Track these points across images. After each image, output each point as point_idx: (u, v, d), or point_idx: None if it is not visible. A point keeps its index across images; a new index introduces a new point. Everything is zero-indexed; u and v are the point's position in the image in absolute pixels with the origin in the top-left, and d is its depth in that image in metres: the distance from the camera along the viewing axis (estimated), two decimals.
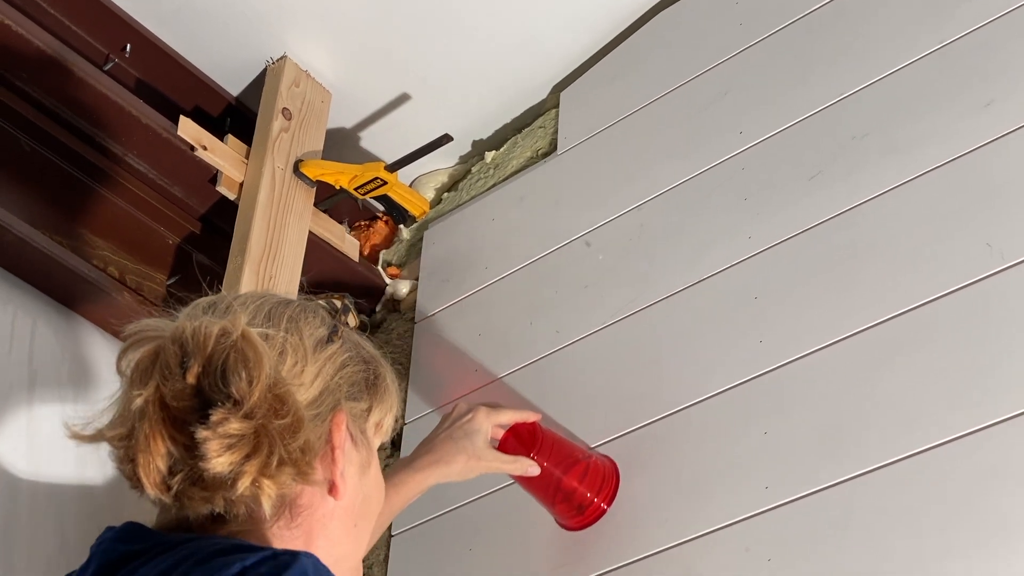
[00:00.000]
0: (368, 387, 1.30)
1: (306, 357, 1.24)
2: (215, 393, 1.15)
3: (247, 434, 1.14)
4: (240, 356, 1.16)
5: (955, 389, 1.64)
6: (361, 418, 1.29)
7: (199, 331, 1.16)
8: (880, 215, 1.84)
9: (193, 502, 1.17)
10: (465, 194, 2.51)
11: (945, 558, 1.55)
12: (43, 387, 2.09)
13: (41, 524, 1.99)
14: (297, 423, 1.18)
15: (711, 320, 1.95)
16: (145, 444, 1.16)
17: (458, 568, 2.03)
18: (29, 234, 2.08)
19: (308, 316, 1.28)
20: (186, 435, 1.15)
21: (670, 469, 1.86)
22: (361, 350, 1.32)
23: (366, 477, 1.30)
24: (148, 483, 1.17)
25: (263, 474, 1.15)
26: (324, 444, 1.23)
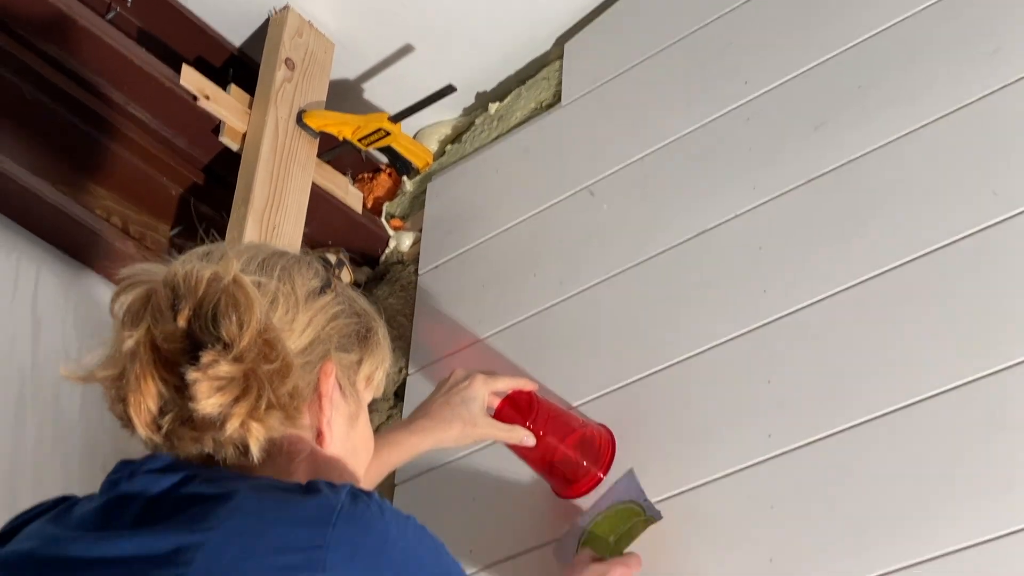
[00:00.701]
0: (359, 340, 1.32)
1: (297, 306, 1.25)
2: (205, 336, 1.17)
3: (236, 377, 1.16)
4: (231, 300, 1.18)
5: (959, 337, 1.64)
6: (351, 370, 1.31)
7: (191, 275, 1.19)
8: (886, 164, 1.84)
9: (183, 442, 1.19)
10: (469, 146, 2.50)
11: (947, 505, 1.55)
12: (47, 334, 2.09)
13: (47, 466, 2.00)
14: (286, 368, 1.20)
15: (715, 270, 1.95)
16: (136, 385, 1.18)
17: (461, 518, 2.03)
18: (32, 183, 2.08)
19: (302, 268, 1.29)
20: (176, 376, 1.17)
21: (674, 418, 1.87)
22: (354, 304, 1.33)
23: (354, 429, 1.32)
24: (139, 423, 1.19)
25: (252, 417, 1.17)
26: (312, 392, 1.25)
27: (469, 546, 1.99)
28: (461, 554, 1.98)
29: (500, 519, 1.98)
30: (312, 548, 1.10)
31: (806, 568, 1.62)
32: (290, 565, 1.09)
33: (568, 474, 1.89)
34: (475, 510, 2.03)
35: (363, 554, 1.11)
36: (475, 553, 1.97)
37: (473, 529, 2.01)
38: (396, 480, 2.16)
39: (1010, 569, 1.47)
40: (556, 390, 2.01)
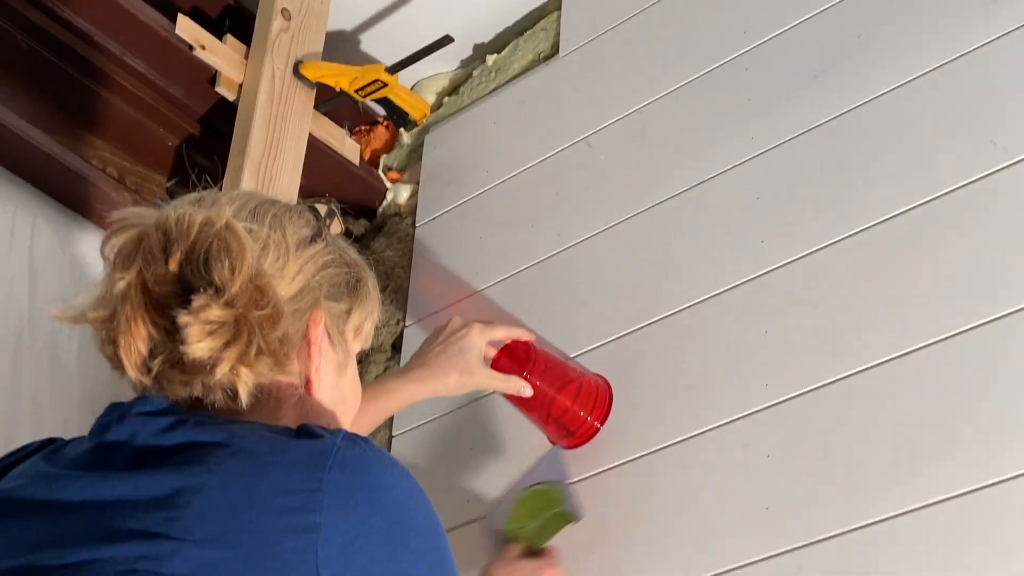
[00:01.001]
0: (349, 290, 1.32)
1: (288, 253, 1.25)
2: (197, 280, 1.17)
3: (227, 321, 1.16)
4: (223, 245, 1.18)
5: (957, 286, 1.64)
6: (340, 319, 1.31)
7: (183, 219, 1.19)
8: (884, 114, 1.83)
9: (172, 385, 1.19)
10: (466, 98, 2.49)
11: (943, 453, 1.56)
12: (44, 285, 2.09)
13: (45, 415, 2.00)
14: (276, 315, 1.20)
15: (713, 221, 1.95)
16: (126, 327, 1.18)
17: (458, 468, 2.04)
18: (28, 132, 2.07)
19: (292, 216, 1.29)
20: (167, 319, 1.17)
21: (671, 369, 1.87)
22: (344, 254, 1.34)
23: (342, 378, 1.31)
24: (129, 365, 1.19)
25: (241, 362, 1.17)
26: (301, 340, 1.25)
27: (467, 496, 1.99)
28: (459, 505, 1.99)
29: (497, 470, 1.99)
30: (309, 491, 1.10)
31: (802, 516, 1.63)
32: (287, 507, 1.09)
33: (565, 424, 1.89)
34: (472, 461, 2.03)
35: (359, 497, 1.11)
36: (472, 504, 1.98)
37: (470, 480, 2.01)
38: (394, 432, 2.16)
39: (1004, 516, 1.48)
40: (554, 341, 2.01)
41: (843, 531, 1.59)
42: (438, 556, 1.18)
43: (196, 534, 1.08)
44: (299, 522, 1.09)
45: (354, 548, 1.10)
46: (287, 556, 1.08)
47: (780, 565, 1.62)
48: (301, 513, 1.09)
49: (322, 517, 1.09)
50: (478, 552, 1.92)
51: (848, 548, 1.57)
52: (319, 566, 1.08)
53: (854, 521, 1.58)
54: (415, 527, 1.15)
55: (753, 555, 1.64)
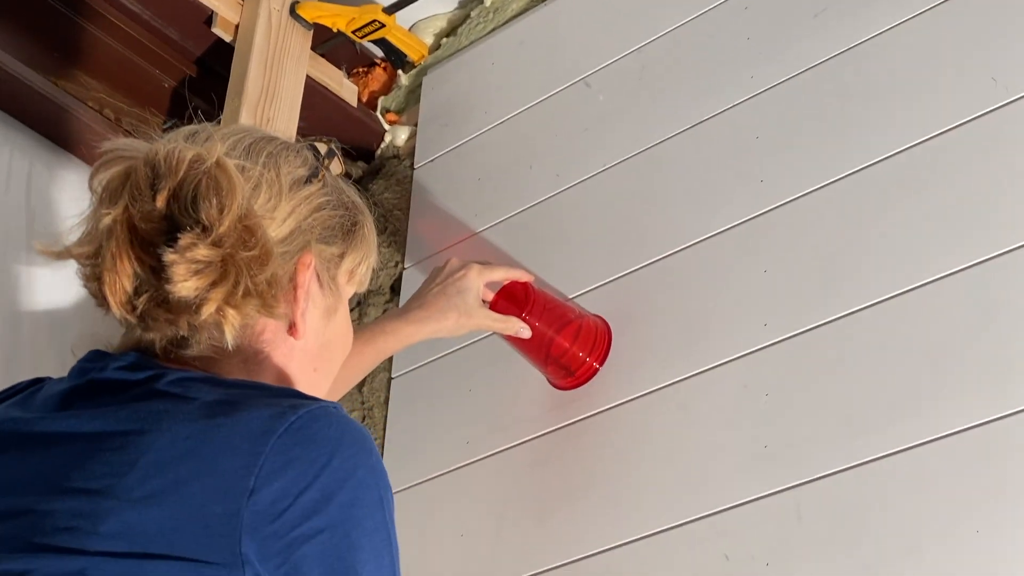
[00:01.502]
0: (344, 233, 1.30)
1: (280, 194, 1.23)
2: (184, 218, 1.15)
3: (214, 261, 1.14)
4: (212, 183, 1.16)
5: (957, 224, 1.64)
6: (333, 263, 1.29)
7: (172, 155, 1.16)
8: (884, 51, 1.82)
9: (158, 323, 1.17)
10: (464, 39, 2.47)
11: (942, 391, 1.56)
12: (41, 227, 2.09)
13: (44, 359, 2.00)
14: (265, 256, 1.18)
15: (712, 161, 1.94)
16: (111, 263, 1.16)
17: (457, 409, 2.04)
18: (24, 74, 2.06)
19: (289, 155, 1.27)
20: (153, 257, 1.15)
21: (670, 309, 1.87)
22: (341, 195, 1.31)
23: (331, 323, 1.29)
24: (113, 302, 1.17)
25: (228, 303, 1.16)
26: (289, 282, 1.23)
27: (466, 438, 2.00)
28: (458, 446, 2.00)
29: (496, 411, 1.99)
30: (251, 454, 1.08)
31: (800, 455, 1.63)
32: (226, 469, 1.07)
33: (565, 365, 1.89)
34: (471, 402, 2.03)
35: (296, 468, 1.08)
36: (472, 444, 1.98)
37: (469, 421, 2.01)
38: (393, 373, 2.16)
39: (1004, 453, 1.48)
40: (553, 282, 2.01)
41: (841, 469, 1.59)
42: (373, 543, 1.12)
43: (133, 493, 1.07)
44: (234, 486, 1.06)
45: (282, 521, 1.07)
46: (212, 521, 1.06)
47: (779, 503, 1.62)
48: (238, 476, 1.07)
49: (257, 482, 1.07)
50: (479, 492, 1.93)
51: (846, 486, 1.58)
52: (242, 530, 1.06)
53: (852, 459, 1.59)
54: (356, 516, 1.11)
55: (752, 494, 1.65)
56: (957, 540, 1.47)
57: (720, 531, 1.65)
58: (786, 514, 1.61)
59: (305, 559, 1.08)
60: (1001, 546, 1.44)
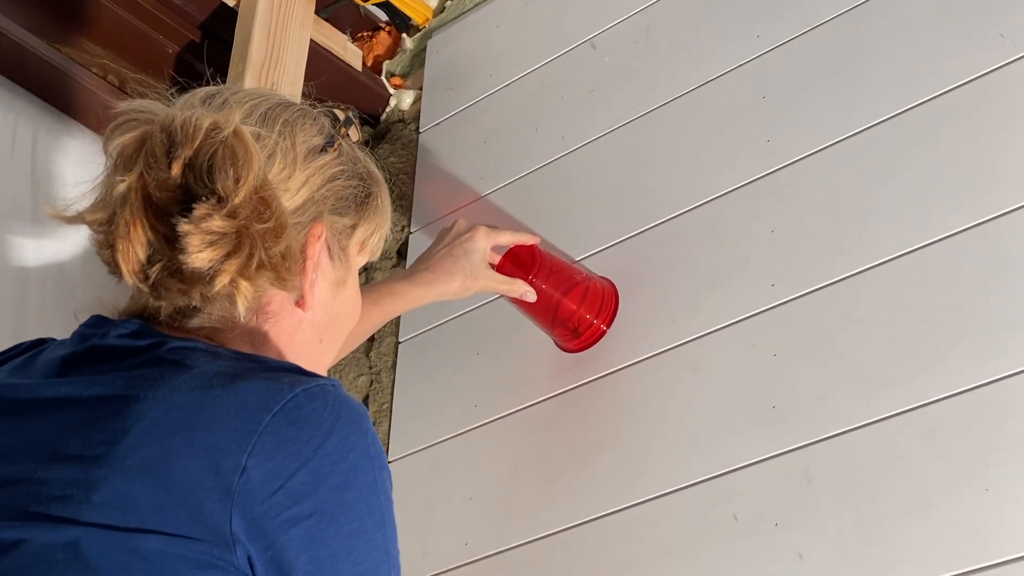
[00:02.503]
0: (357, 204, 1.28)
1: (295, 163, 1.22)
2: (200, 187, 1.13)
3: (229, 233, 1.13)
4: (229, 153, 1.14)
5: (964, 182, 1.63)
6: (344, 234, 1.28)
7: (189, 122, 1.14)
8: (891, 9, 1.81)
9: (170, 293, 1.16)
10: (469, 1, 2.46)
11: (950, 349, 1.55)
12: (46, 194, 2.08)
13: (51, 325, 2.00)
14: (280, 228, 1.16)
15: (718, 121, 1.93)
16: (125, 231, 1.15)
17: (465, 373, 2.04)
18: (27, 40, 2.05)
19: (306, 123, 1.25)
20: (167, 226, 1.14)
21: (678, 269, 1.86)
22: (357, 165, 1.30)
23: (339, 295, 1.28)
24: (126, 270, 1.16)
25: (241, 275, 1.14)
26: (299, 253, 1.22)
27: (473, 401, 2.00)
28: (465, 409, 2.00)
29: (503, 374, 1.99)
30: (245, 431, 1.06)
31: (809, 414, 1.63)
32: (219, 444, 1.06)
33: (571, 327, 1.89)
34: (478, 365, 2.03)
35: (289, 448, 1.07)
36: (479, 407, 1.98)
37: (477, 384, 2.02)
38: (400, 337, 2.16)
39: (1013, 411, 1.48)
40: (560, 244, 2.00)
41: (850, 428, 1.59)
42: (364, 527, 1.11)
43: (126, 461, 1.06)
44: (226, 462, 1.05)
45: (272, 502, 1.06)
46: (203, 496, 1.05)
47: (788, 463, 1.62)
48: (230, 454, 1.06)
49: (250, 460, 1.05)
50: (486, 455, 1.93)
51: (855, 445, 1.58)
52: (232, 509, 1.05)
53: (861, 419, 1.58)
54: (347, 499, 1.10)
55: (761, 454, 1.65)
56: (966, 498, 1.47)
57: (729, 492, 1.65)
58: (795, 474, 1.61)
59: (292, 542, 1.07)
60: (1010, 504, 1.44)
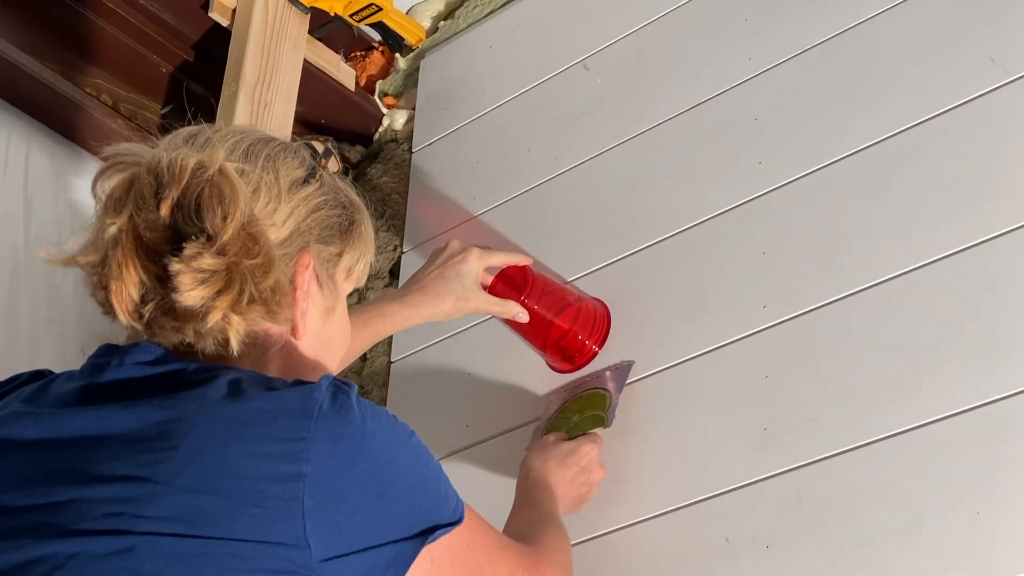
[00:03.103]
0: (341, 232, 1.31)
1: (279, 196, 1.24)
2: (189, 226, 1.16)
3: (219, 270, 1.16)
4: (216, 191, 1.17)
5: (955, 204, 1.64)
6: (331, 262, 1.30)
7: (175, 163, 1.17)
8: (882, 32, 1.82)
9: (164, 331, 1.19)
10: (462, 22, 2.47)
11: (940, 372, 1.56)
12: (39, 212, 2.09)
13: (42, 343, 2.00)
14: (268, 263, 1.19)
15: (710, 143, 1.94)
16: (118, 272, 1.18)
17: (457, 393, 2.04)
18: (20, 59, 2.06)
19: (287, 156, 1.27)
20: (159, 266, 1.17)
21: (670, 291, 1.86)
22: (339, 194, 1.32)
23: (329, 322, 1.31)
24: (120, 310, 1.19)
25: (233, 310, 1.17)
26: (288, 284, 1.24)
27: (465, 421, 2.00)
28: (458, 429, 1.99)
29: (496, 394, 1.99)
30: (296, 439, 1.11)
31: (800, 437, 1.63)
32: (273, 454, 1.10)
33: (564, 348, 1.89)
34: (471, 385, 2.03)
35: (343, 446, 1.12)
36: (472, 428, 1.98)
37: (469, 404, 2.02)
38: (392, 357, 2.16)
39: (1002, 434, 1.48)
40: (552, 265, 2.01)
41: (841, 451, 1.59)
42: (429, 491, 1.20)
43: (180, 478, 1.09)
44: (285, 470, 1.10)
45: (339, 496, 1.11)
46: (272, 503, 1.09)
47: (779, 486, 1.62)
48: (287, 461, 1.10)
49: (308, 467, 1.10)
50: (478, 476, 1.93)
51: (846, 467, 1.58)
52: (304, 514, 1.09)
53: (852, 441, 1.59)
54: (400, 467, 1.16)
55: (752, 475, 1.65)
56: (957, 520, 1.47)
57: (720, 514, 1.65)
58: (786, 496, 1.61)
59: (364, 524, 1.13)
60: (1000, 527, 1.44)
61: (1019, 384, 1.50)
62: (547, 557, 1.46)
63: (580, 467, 1.71)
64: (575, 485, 1.70)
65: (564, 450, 1.72)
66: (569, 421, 1.80)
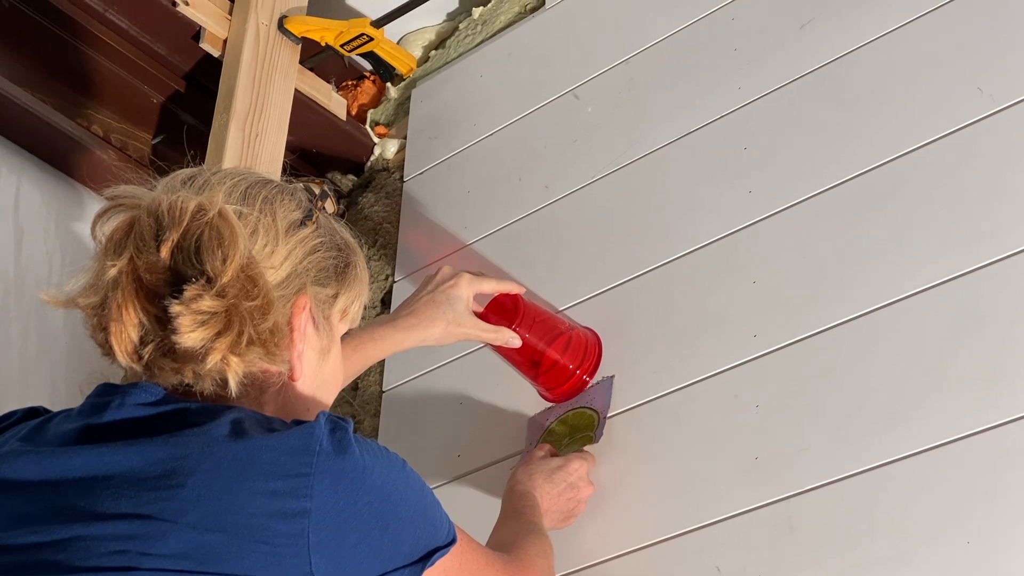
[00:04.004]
0: (337, 274, 1.32)
1: (277, 238, 1.25)
2: (188, 268, 1.17)
3: (219, 312, 1.17)
4: (215, 234, 1.18)
5: (944, 233, 1.64)
6: (327, 304, 1.31)
7: (175, 205, 1.18)
8: (871, 62, 1.82)
9: (164, 372, 1.20)
10: (453, 51, 2.48)
11: (931, 401, 1.56)
12: (29, 244, 2.09)
13: (33, 374, 2.00)
14: (267, 305, 1.20)
15: (700, 172, 1.94)
16: (117, 314, 1.18)
17: (448, 422, 2.04)
18: (11, 91, 2.06)
19: (284, 198, 1.29)
20: (158, 307, 1.18)
21: (661, 319, 1.87)
22: (335, 236, 1.33)
23: (324, 363, 1.32)
24: (120, 352, 1.19)
25: (232, 351, 1.18)
26: (285, 325, 1.25)
27: (457, 451, 1.99)
28: (449, 459, 1.99)
29: (487, 423, 1.99)
30: (299, 475, 1.12)
31: (792, 466, 1.63)
32: (278, 491, 1.12)
33: (555, 377, 1.89)
34: (462, 415, 2.03)
35: (344, 482, 1.14)
36: (463, 457, 1.98)
37: (460, 434, 2.01)
38: (384, 386, 2.16)
39: (994, 463, 1.48)
40: (543, 294, 2.01)
41: (833, 480, 1.59)
42: (426, 518, 1.22)
43: (187, 516, 1.10)
44: (290, 507, 1.11)
45: (345, 530, 1.13)
46: (278, 540, 1.11)
47: (770, 515, 1.62)
48: (292, 498, 1.12)
49: (312, 503, 1.12)
50: (469, 505, 1.92)
51: (838, 497, 1.58)
52: (310, 549, 1.11)
53: (844, 470, 1.59)
54: (399, 498, 1.18)
55: (743, 505, 1.65)
56: (948, 550, 1.47)
57: (712, 543, 1.65)
58: (778, 525, 1.61)
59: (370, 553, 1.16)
60: (992, 556, 1.44)
61: (1012, 412, 1.50)
62: (529, 563, 1.52)
63: (568, 483, 1.74)
64: (562, 500, 1.73)
65: (552, 465, 1.75)
66: (560, 441, 1.81)
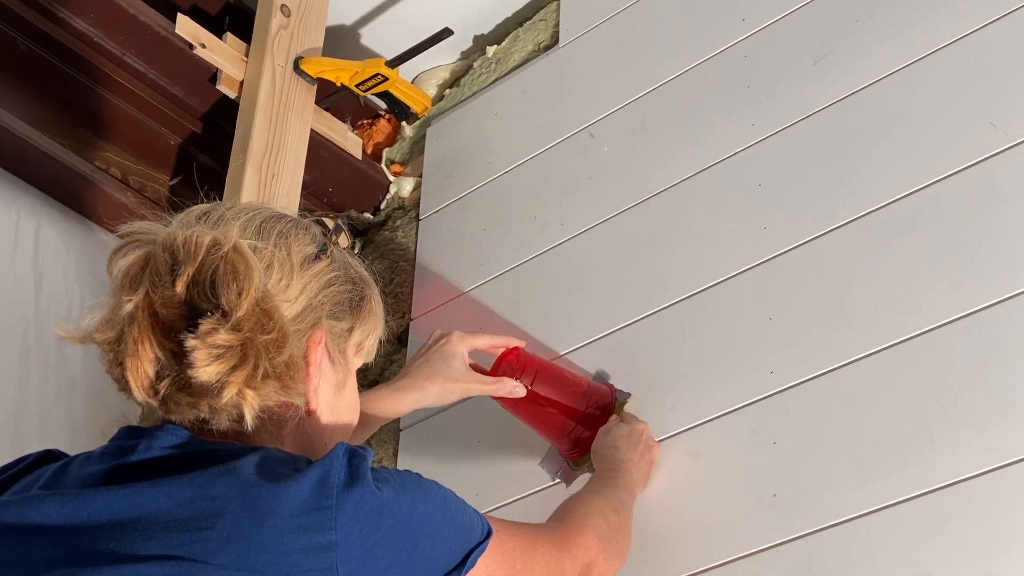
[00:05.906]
0: (352, 308, 1.32)
1: (292, 273, 1.26)
2: (204, 303, 1.17)
3: (234, 346, 1.17)
4: (230, 268, 1.18)
5: (959, 269, 1.64)
6: (342, 338, 1.31)
7: (190, 240, 1.19)
8: (884, 98, 1.83)
9: (179, 407, 1.20)
10: (467, 89, 2.49)
11: (948, 437, 1.56)
12: (49, 286, 2.10)
13: (52, 415, 2.01)
14: (282, 339, 1.20)
15: (715, 208, 1.95)
16: (134, 349, 1.19)
17: (466, 461, 2.04)
18: (30, 134, 2.08)
19: (299, 233, 1.29)
20: (174, 342, 1.18)
21: (677, 356, 1.87)
22: (350, 270, 1.33)
23: (340, 397, 1.32)
24: (136, 387, 1.19)
25: (248, 385, 1.18)
26: (301, 359, 1.25)
27: (475, 489, 1.99)
28: (467, 497, 1.98)
29: (505, 461, 1.99)
30: (322, 508, 1.13)
31: (809, 502, 1.63)
32: (304, 526, 1.12)
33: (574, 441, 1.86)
34: (480, 453, 2.03)
35: (365, 510, 1.15)
36: (481, 496, 1.98)
37: (478, 472, 2.01)
38: (401, 425, 2.17)
39: (1010, 500, 1.48)
40: (558, 331, 2.01)
41: (852, 517, 1.59)
42: (454, 525, 1.24)
43: (219, 557, 1.11)
44: (317, 541, 1.12)
45: (372, 556, 1.15)
46: (309, 575, 1.12)
47: (789, 552, 1.62)
48: (318, 532, 1.13)
49: (338, 535, 1.13)
50: None
51: (857, 534, 1.58)
52: None
53: (862, 507, 1.58)
54: (423, 514, 1.19)
55: (762, 543, 1.65)
56: None
57: None
58: (797, 563, 1.60)
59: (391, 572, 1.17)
60: None
61: None
62: (578, 525, 1.52)
63: (645, 444, 1.78)
64: (644, 462, 1.77)
65: (624, 431, 1.78)
66: None
